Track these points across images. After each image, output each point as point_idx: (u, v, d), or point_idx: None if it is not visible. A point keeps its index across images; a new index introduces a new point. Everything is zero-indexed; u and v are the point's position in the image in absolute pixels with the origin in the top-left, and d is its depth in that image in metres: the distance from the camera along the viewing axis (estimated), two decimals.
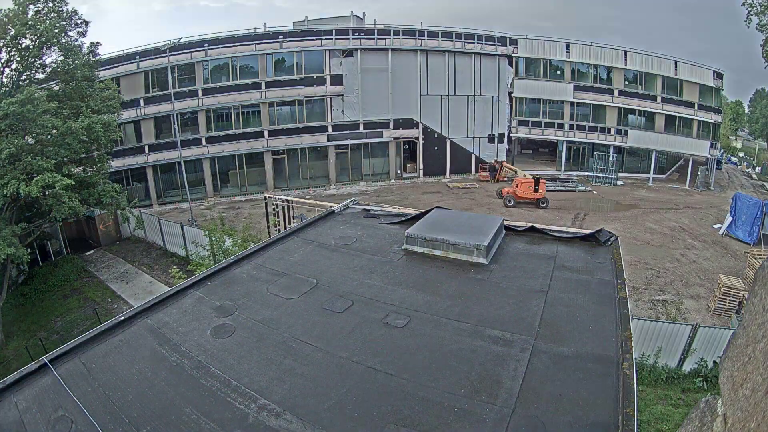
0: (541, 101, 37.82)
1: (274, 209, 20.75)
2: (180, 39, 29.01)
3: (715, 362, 12.64)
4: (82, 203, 16.99)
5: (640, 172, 37.81)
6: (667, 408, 12.04)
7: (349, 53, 33.24)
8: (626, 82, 36.83)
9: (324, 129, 33.79)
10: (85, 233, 25.76)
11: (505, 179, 34.59)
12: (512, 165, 37.21)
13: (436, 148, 36.29)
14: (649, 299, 17.69)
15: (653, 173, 37.75)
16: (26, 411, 3.88)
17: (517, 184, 29.29)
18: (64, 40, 18.12)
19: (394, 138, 35.36)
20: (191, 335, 4.89)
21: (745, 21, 23.13)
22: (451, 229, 7.08)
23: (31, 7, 17.69)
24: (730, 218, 25.25)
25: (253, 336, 4.84)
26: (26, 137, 16.11)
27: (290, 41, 32.34)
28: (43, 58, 18.14)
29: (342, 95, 33.54)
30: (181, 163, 28.00)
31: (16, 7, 17.12)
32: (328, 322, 5.07)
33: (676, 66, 35.91)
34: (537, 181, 28.96)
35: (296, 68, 32.87)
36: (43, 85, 18.18)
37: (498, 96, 36.89)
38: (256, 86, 32.18)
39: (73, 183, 16.01)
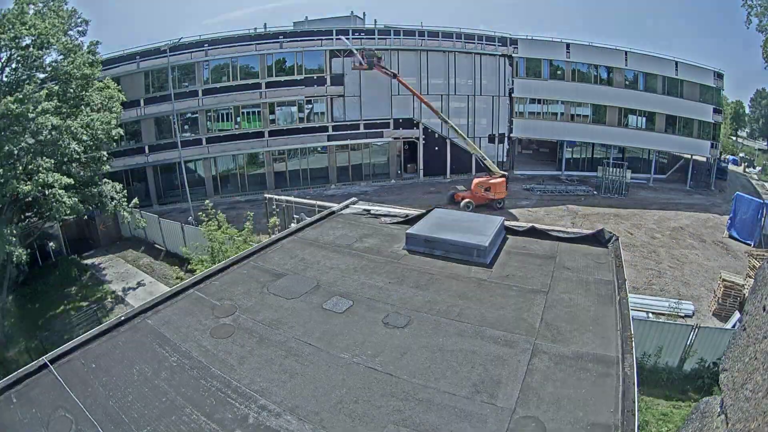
0: (542, 101, 37.82)
1: (274, 209, 20.78)
2: (180, 39, 29.02)
3: (715, 363, 12.64)
4: (82, 203, 16.99)
5: (640, 172, 37.78)
6: (667, 408, 12.04)
7: (349, 53, 33.22)
8: (627, 82, 36.82)
9: (324, 129, 33.78)
10: (85, 233, 25.75)
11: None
12: (509, 166, 37.11)
13: (436, 148, 36.27)
14: None
15: (653, 173, 37.75)
16: (26, 411, 3.88)
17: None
18: (64, 40, 18.13)
19: (395, 138, 35.36)
20: (191, 335, 4.89)
21: (746, 22, 23.11)
22: (452, 229, 7.08)
23: (32, 6, 17.71)
24: (731, 219, 25.25)
25: (254, 336, 4.84)
26: (25, 137, 16.12)
27: (291, 41, 32.33)
28: (43, 58, 18.15)
29: (342, 95, 33.54)
30: (182, 164, 28.01)
31: (16, 7, 17.13)
32: (328, 322, 5.07)
33: (676, 66, 35.91)
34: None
35: (296, 68, 32.86)
36: (44, 85, 18.19)
37: (498, 96, 36.88)
38: (257, 86, 32.17)
39: (72, 182, 16.01)
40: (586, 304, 5.34)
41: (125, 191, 20.38)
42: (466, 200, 27.86)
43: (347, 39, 32.12)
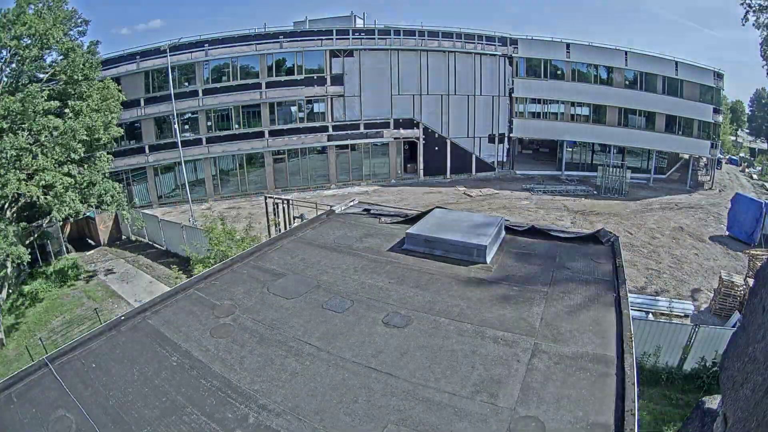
0: (542, 101, 37.83)
1: (274, 209, 20.74)
2: (180, 39, 29.03)
3: (715, 362, 12.64)
4: (82, 203, 17.00)
5: (640, 172, 37.80)
6: (667, 408, 12.04)
7: (349, 53, 33.24)
8: (627, 82, 36.83)
9: (324, 129, 33.79)
10: (85, 233, 25.77)
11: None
12: (509, 166, 37.06)
13: (436, 148, 36.29)
14: None
15: (653, 173, 37.76)
16: (26, 411, 3.88)
17: None
18: (64, 40, 18.14)
19: (395, 138, 35.36)
20: (191, 335, 4.90)
21: (742, 20, 23.01)
22: (452, 229, 7.08)
23: (32, 6, 17.71)
24: (731, 219, 25.26)
25: (254, 336, 4.85)
26: (27, 137, 16.12)
27: (291, 41, 32.33)
28: (44, 58, 18.17)
29: (342, 95, 33.55)
30: (182, 164, 28.01)
31: (16, 7, 17.13)
32: (328, 322, 5.07)
33: (676, 66, 35.92)
34: None
35: (297, 68, 32.88)
36: (44, 85, 18.20)
37: (498, 96, 36.90)
38: (257, 86, 32.18)
39: (73, 182, 16.02)
40: (585, 304, 5.34)
41: (125, 191, 20.39)
42: None
43: None
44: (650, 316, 15.77)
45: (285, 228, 18.94)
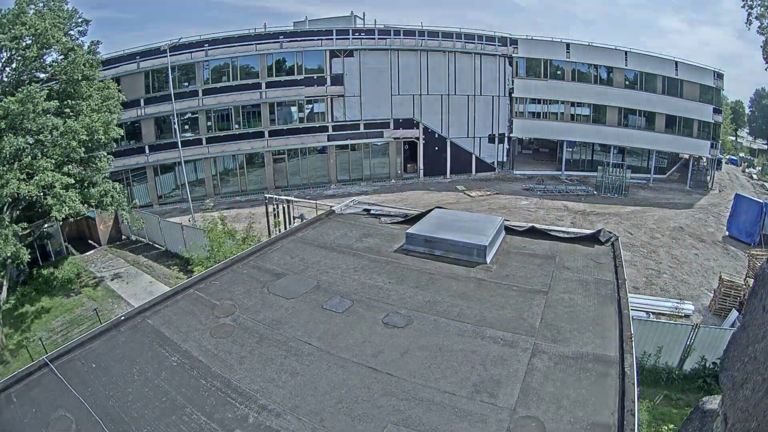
0: (542, 101, 37.83)
1: (274, 209, 20.74)
2: (180, 39, 29.02)
3: (715, 362, 12.64)
4: (82, 203, 16.98)
5: (640, 172, 37.80)
6: (667, 408, 12.04)
7: (349, 53, 33.24)
8: (626, 82, 36.83)
9: (324, 129, 33.79)
10: (85, 233, 25.77)
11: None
12: (509, 166, 37.08)
13: (436, 148, 36.29)
14: None
15: (653, 173, 37.76)
16: (26, 411, 3.88)
17: None
18: (64, 40, 18.12)
19: (395, 138, 35.37)
20: (191, 335, 4.89)
21: (746, 23, 23.03)
22: (452, 229, 7.08)
23: (32, 6, 17.70)
24: (731, 219, 25.27)
25: (254, 336, 4.84)
26: (26, 137, 16.09)
27: (290, 41, 32.34)
28: (44, 58, 18.15)
29: (342, 95, 33.55)
30: (182, 164, 28.02)
31: (16, 7, 17.11)
32: (328, 322, 5.07)
33: (676, 66, 35.92)
34: None
35: (296, 68, 32.88)
36: (44, 85, 18.17)
37: (498, 96, 36.90)
38: (257, 86, 32.19)
39: (73, 182, 16.00)
40: (586, 304, 5.34)
41: (125, 191, 20.36)
42: None
43: None
44: (650, 316, 15.78)
45: (285, 228, 18.94)
